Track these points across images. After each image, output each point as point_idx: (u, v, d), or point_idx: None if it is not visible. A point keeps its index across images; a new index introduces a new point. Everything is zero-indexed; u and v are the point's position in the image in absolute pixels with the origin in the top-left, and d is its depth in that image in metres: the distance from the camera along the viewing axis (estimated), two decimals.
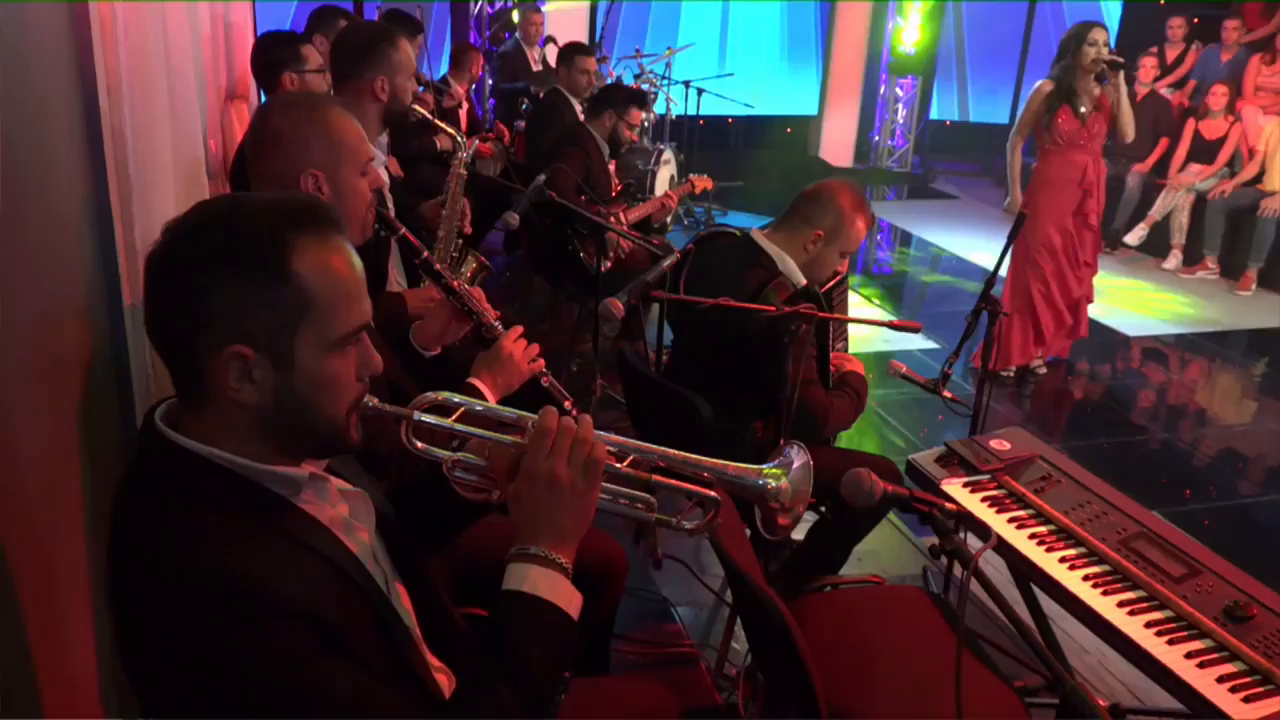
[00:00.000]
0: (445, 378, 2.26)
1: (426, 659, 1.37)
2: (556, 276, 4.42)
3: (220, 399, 1.15)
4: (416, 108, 2.86)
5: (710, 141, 9.49)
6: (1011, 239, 2.70)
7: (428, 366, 2.25)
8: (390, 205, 2.85)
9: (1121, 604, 2.03)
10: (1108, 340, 6.02)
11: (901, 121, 10.24)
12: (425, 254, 2.13)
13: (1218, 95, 7.41)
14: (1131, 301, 6.72)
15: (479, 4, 8.92)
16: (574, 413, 2.17)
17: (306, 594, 1.10)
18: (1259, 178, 7.22)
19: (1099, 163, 4.90)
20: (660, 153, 6.74)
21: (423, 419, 1.34)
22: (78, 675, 1.58)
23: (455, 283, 2.14)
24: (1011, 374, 5.21)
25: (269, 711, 1.03)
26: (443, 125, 2.97)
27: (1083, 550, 2.21)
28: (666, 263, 2.37)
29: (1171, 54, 8.62)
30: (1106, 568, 2.15)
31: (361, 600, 1.20)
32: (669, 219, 4.94)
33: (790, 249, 2.61)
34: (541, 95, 6.29)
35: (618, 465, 1.36)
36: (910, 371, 2.81)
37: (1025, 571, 2.22)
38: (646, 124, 6.99)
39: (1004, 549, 2.25)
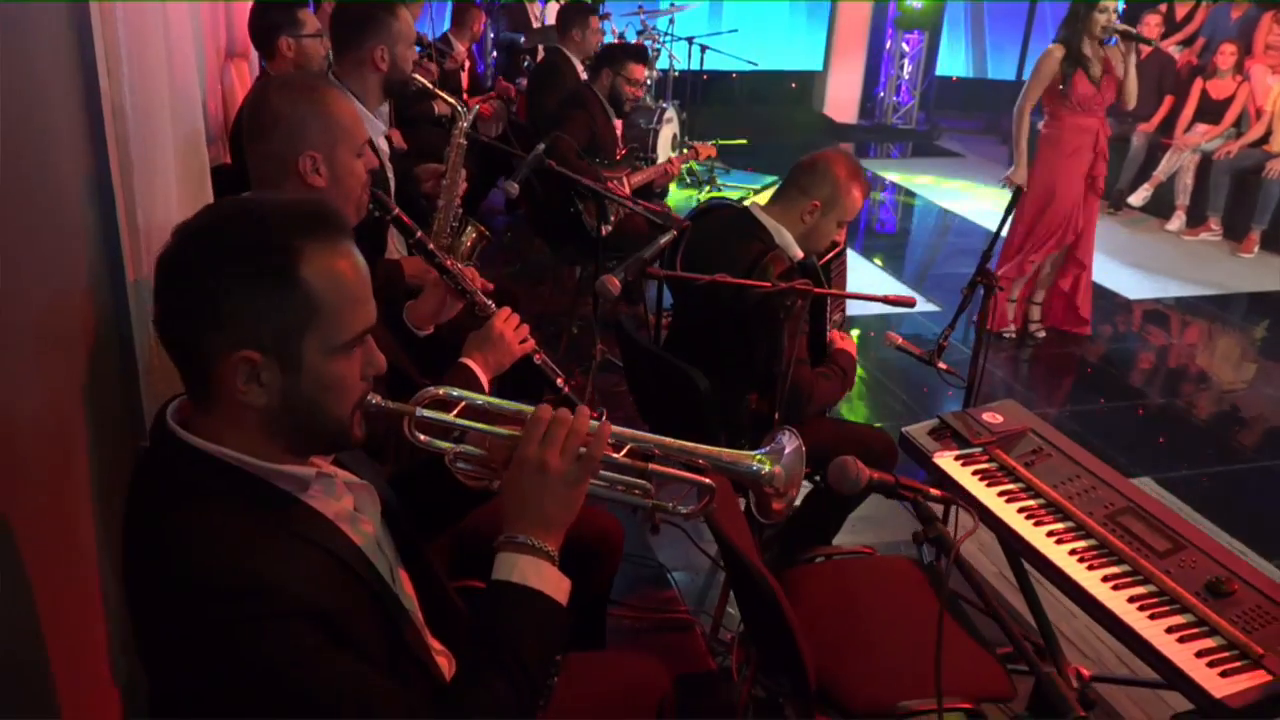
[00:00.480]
0: (439, 355, 2.30)
1: (428, 643, 1.42)
2: (557, 240, 4.43)
3: (228, 399, 1.18)
4: (417, 76, 2.86)
5: (714, 97, 9.43)
6: (1008, 213, 2.71)
7: (422, 344, 2.27)
8: (391, 177, 2.87)
9: (1106, 579, 2.08)
10: (1108, 303, 6.03)
11: (907, 77, 10.15)
12: (419, 234, 2.14)
13: (1226, 54, 7.33)
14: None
15: None
16: (566, 389, 2.21)
17: (312, 591, 1.14)
18: (1265, 138, 7.18)
19: (1105, 126, 4.90)
20: (663, 111, 6.70)
21: (424, 414, 1.37)
22: (90, 662, 1.63)
23: (449, 262, 2.16)
24: (1013, 334, 5.24)
25: (274, 705, 1.08)
26: (442, 94, 2.97)
27: (1070, 525, 2.25)
28: (664, 239, 2.39)
29: (1181, 10, 8.52)
30: (1093, 542, 2.19)
31: (365, 592, 1.24)
32: (671, 183, 4.93)
33: (787, 221, 2.62)
34: (541, 53, 6.26)
35: (614, 455, 1.39)
36: (906, 343, 2.84)
37: (1014, 546, 2.26)
38: (649, 80, 6.94)
39: (994, 523, 2.29)
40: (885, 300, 2.42)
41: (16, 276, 1.48)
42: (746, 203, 2.72)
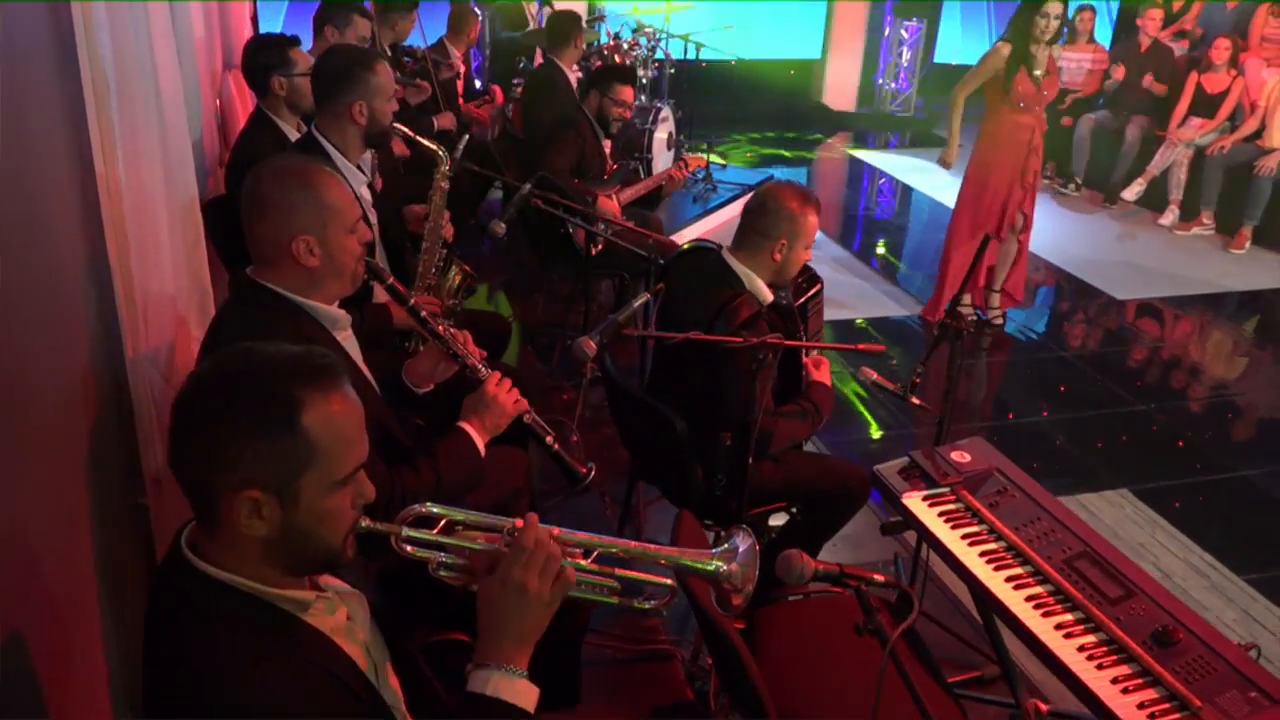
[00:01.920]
0: (435, 412, 2.41)
1: None
2: (549, 256, 4.52)
3: (232, 529, 1.31)
4: (398, 125, 2.94)
5: (712, 86, 9.41)
6: (978, 259, 2.79)
7: (420, 401, 2.38)
8: (375, 222, 2.95)
9: (1059, 626, 2.18)
10: (1095, 303, 6.10)
11: (905, 64, 10.15)
12: (412, 300, 2.24)
13: (1220, 48, 7.34)
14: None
15: None
16: (555, 446, 2.31)
17: (314, 709, 1.27)
18: (1259, 134, 7.20)
19: (1042, 123, 5.07)
20: (658, 111, 6.74)
21: (409, 534, 1.48)
22: None
23: (441, 328, 2.25)
24: (970, 311, 5.43)
25: None
26: (423, 142, 3.05)
27: (1029, 569, 2.35)
28: (637, 303, 2.48)
29: (1178, 1, 8.52)
30: (1050, 588, 2.29)
31: (356, 702, 1.37)
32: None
33: (757, 265, 2.72)
34: (539, 56, 6.30)
35: (584, 562, 1.50)
36: (880, 378, 2.92)
37: (976, 590, 2.37)
38: (644, 80, 6.97)
39: (958, 567, 2.40)
40: (855, 349, 2.51)
41: (19, 356, 1.58)
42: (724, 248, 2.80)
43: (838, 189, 8.76)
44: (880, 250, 7.05)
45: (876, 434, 4.53)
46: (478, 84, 8.15)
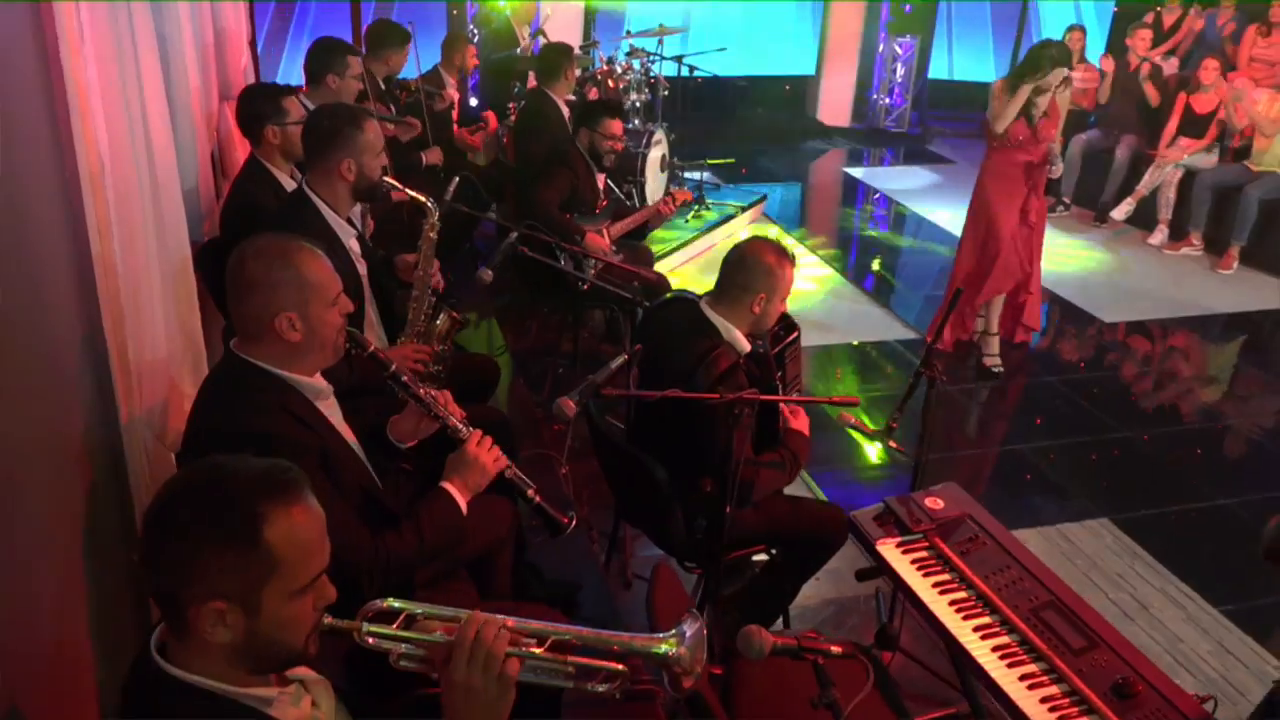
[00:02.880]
0: (421, 456, 2.48)
1: None
2: (538, 290, 4.59)
3: (199, 635, 1.38)
4: (388, 179, 3.02)
5: (707, 102, 9.47)
6: (947, 315, 2.86)
7: (404, 455, 2.45)
8: (364, 273, 3.03)
9: (1024, 677, 2.26)
10: (1082, 327, 6.17)
11: (900, 80, 10.23)
12: (393, 367, 2.30)
13: (1208, 69, 7.41)
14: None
15: None
16: (537, 499, 2.39)
17: None
18: (1247, 154, 7.27)
19: (1043, 165, 5.06)
20: (651, 134, 6.82)
21: (371, 629, 1.55)
22: None
23: (422, 391, 2.32)
24: (1000, 367, 5.38)
25: None
26: (410, 192, 3.13)
27: (997, 619, 2.43)
28: (615, 364, 2.55)
29: (1169, 19, 8.59)
30: (1016, 637, 2.37)
31: None
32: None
33: (735, 317, 2.80)
34: (532, 79, 6.38)
35: (537, 651, 1.57)
36: (858, 422, 3.00)
37: (944, 639, 2.45)
38: (638, 104, 7.05)
39: (928, 616, 2.48)
40: (829, 402, 2.59)
41: (16, 427, 1.66)
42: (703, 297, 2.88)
43: (832, 207, 8.83)
44: (873, 271, 7.11)
45: (880, 459, 4.60)
46: (474, 101, 8.25)
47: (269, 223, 2.97)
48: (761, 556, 3.19)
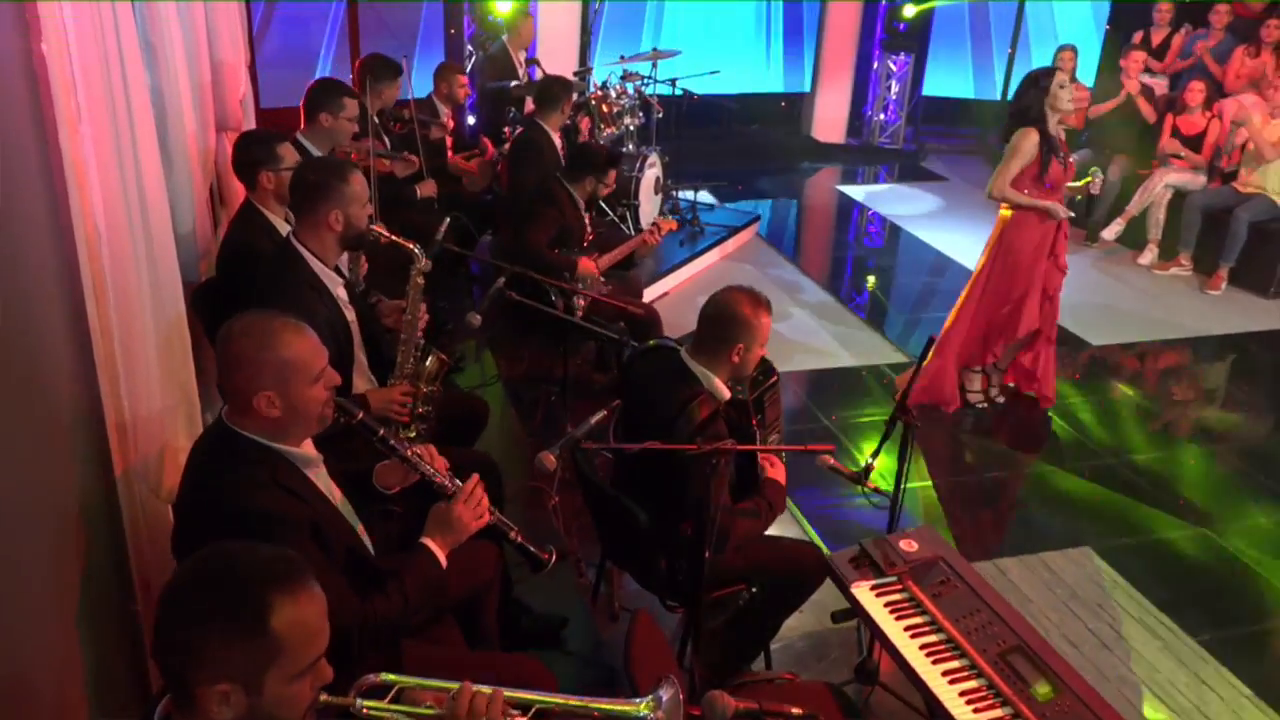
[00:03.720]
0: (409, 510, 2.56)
1: None
2: (528, 326, 4.67)
3: (204, 712, 1.47)
4: (375, 227, 3.11)
5: (703, 118, 9.51)
6: (923, 358, 2.94)
7: (391, 499, 2.53)
8: (353, 320, 3.11)
9: None
10: (1070, 351, 6.22)
11: (894, 97, 10.31)
12: (381, 431, 2.37)
13: (1195, 91, 7.49)
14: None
15: None
16: (518, 539, 2.47)
17: None
18: (1235, 175, 7.35)
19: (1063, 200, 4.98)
20: (645, 158, 6.90)
21: (365, 704, 1.64)
22: None
23: (409, 451, 2.39)
24: (985, 404, 5.39)
25: None
26: (398, 239, 3.22)
27: (965, 663, 2.51)
28: (595, 419, 2.64)
29: (1157, 37, 8.67)
30: (983, 682, 2.45)
31: None
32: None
33: (715, 366, 2.88)
34: (529, 104, 6.46)
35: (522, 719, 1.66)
36: (836, 463, 3.07)
37: (914, 681, 2.52)
38: (631, 128, 7.13)
39: (899, 659, 2.56)
40: (804, 450, 2.67)
41: (12, 488, 1.74)
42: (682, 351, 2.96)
43: (825, 227, 8.90)
44: (867, 292, 7.19)
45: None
46: (471, 120, 8.33)
47: (262, 269, 3.06)
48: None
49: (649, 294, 6.50)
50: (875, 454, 3.03)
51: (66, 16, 1.90)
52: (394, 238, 3.19)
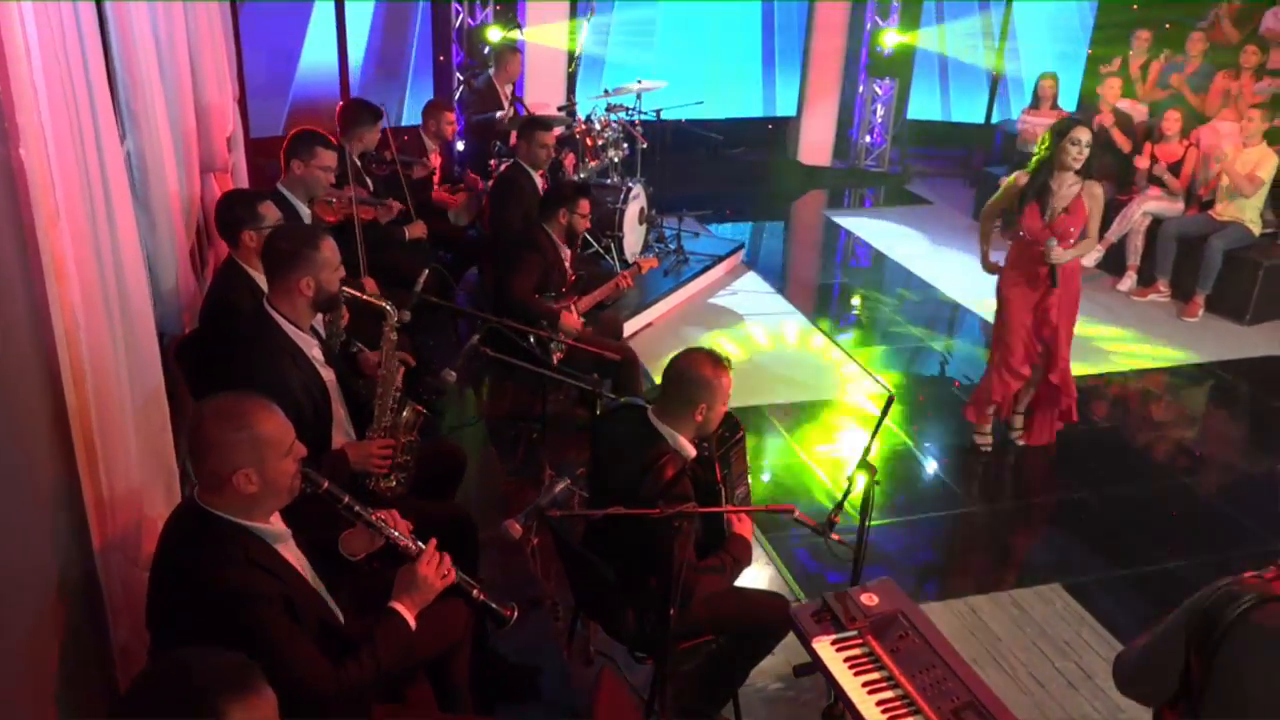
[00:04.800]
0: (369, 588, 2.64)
1: None
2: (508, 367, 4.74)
3: None
4: (347, 289, 3.20)
5: (690, 142, 9.59)
6: (880, 422, 3.03)
7: (354, 568, 2.62)
8: (329, 379, 3.19)
9: None
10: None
11: (880, 121, 10.42)
12: (345, 499, 2.46)
13: (1171, 120, 7.60)
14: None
15: (460, 18, 9.13)
16: (481, 598, 2.55)
17: None
18: (1211, 204, 7.45)
19: (1075, 264, 4.92)
20: (629, 189, 6.99)
21: None
22: None
23: (374, 516, 2.48)
24: (989, 448, 5.40)
25: None
26: (370, 299, 3.31)
27: (920, 719, 2.59)
28: (558, 488, 2.72)
29: (1135, 63, 8.78)
30: None
31: None
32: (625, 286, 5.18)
33: (680, 425, 2.98)
34: (514, 138, 6.56)
35: None
36: (802, 515, 3.15)
37: None
38: (616, 160, 7.23)
39: (855, 714, 2.64)
40: (765, 510, 2.76)
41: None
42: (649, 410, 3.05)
43: (810, 254, 8.97)
44: (849, 323, 7.27)
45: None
46: (460, 145, 8.43)
47: (238, 333, 3.15)
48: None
49: (633, 324, 6.61)
50: (838, 507, 3.12)
51: (44, 118, 1.99)
52: (365, 298, 3.28)
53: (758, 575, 4.32)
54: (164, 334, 3.66)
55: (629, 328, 6.53)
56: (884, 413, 2.99)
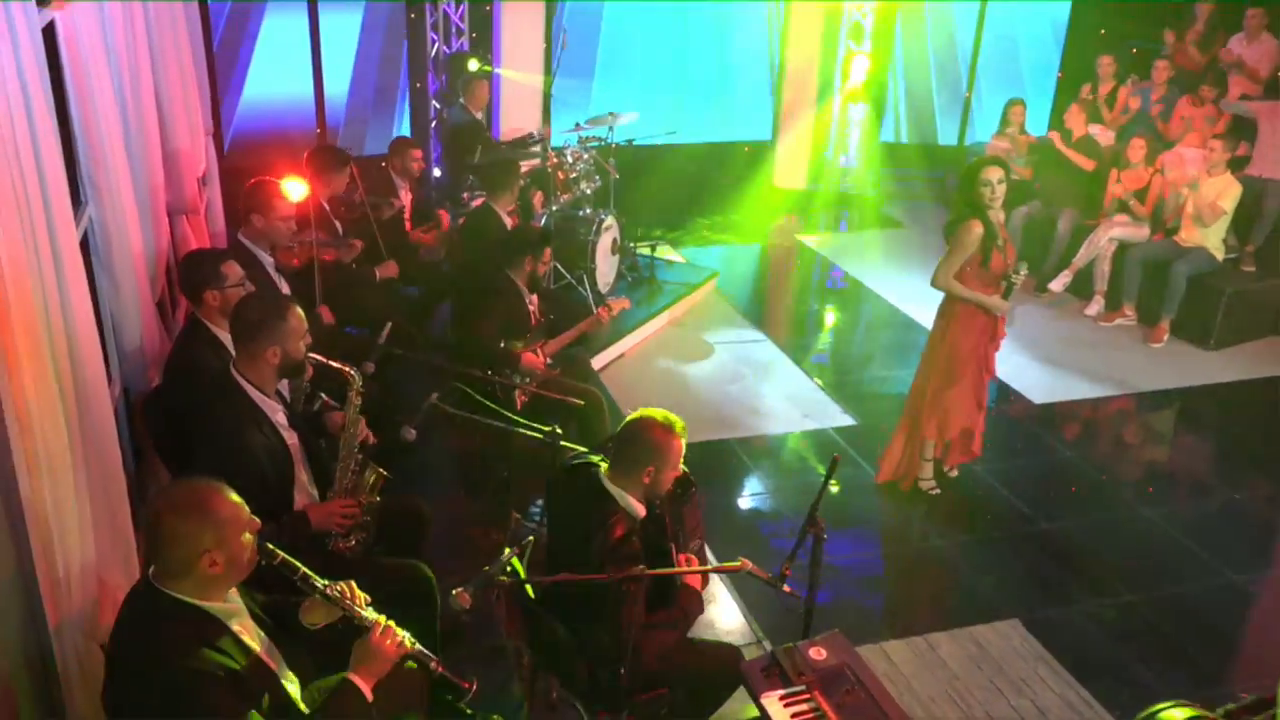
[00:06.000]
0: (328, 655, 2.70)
1: None
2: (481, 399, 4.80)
3: None
4: (312, 355, 3.26)
5: (665, 166, 9.66)
6: (826, 481, 3.10)
7: (313, 636, 2.67)
8: (293, 443, 3.25)
9: None
10: (1011, 409, 6.41)
11: (854, 145, 10.54)
12: (301, 571, 2.51)
13: (1136, 148, 7.71)
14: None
15: (435, 46, 9.21)
16: (439, 670, 2.61)
17: None
18: (1176, 229, 7.56)
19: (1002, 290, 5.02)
20: (601, 221, 7.06)
21: None
22: None
23: (328, 588, 2.53)
24: (936, 490, 5.43)
25: None
26: (333, 364, 3.37)
27: None
28: (506, 556, 2.79)
29: (1103, 90, 8.91)
30: None
31: None
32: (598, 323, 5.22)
33: (629, 486, 3.05)
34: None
35: None
36: (755, 568, 3.22)
37: None
38: (589, 190, 7.30)
39: None
40: (716, 570, 2.83)
41: None
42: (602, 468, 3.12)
43: (784, 281, 9.04)
44: (819, 353, 7.35)
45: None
46: (437, 172, 8.49)
47: (205, 396, 3.21)
48: None
49: (605, 356, 6.68)
50: (789, 560, 3.18)
51: None
52: (328, 363, 3.34)
53: (724, 620, 4.39)
54: (129, 390, 3.73)
55: (601, 359, 6.61)
56: (829, 474, 3.06)
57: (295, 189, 4.37)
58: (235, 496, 2.32)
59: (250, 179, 4.51)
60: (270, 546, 2.44)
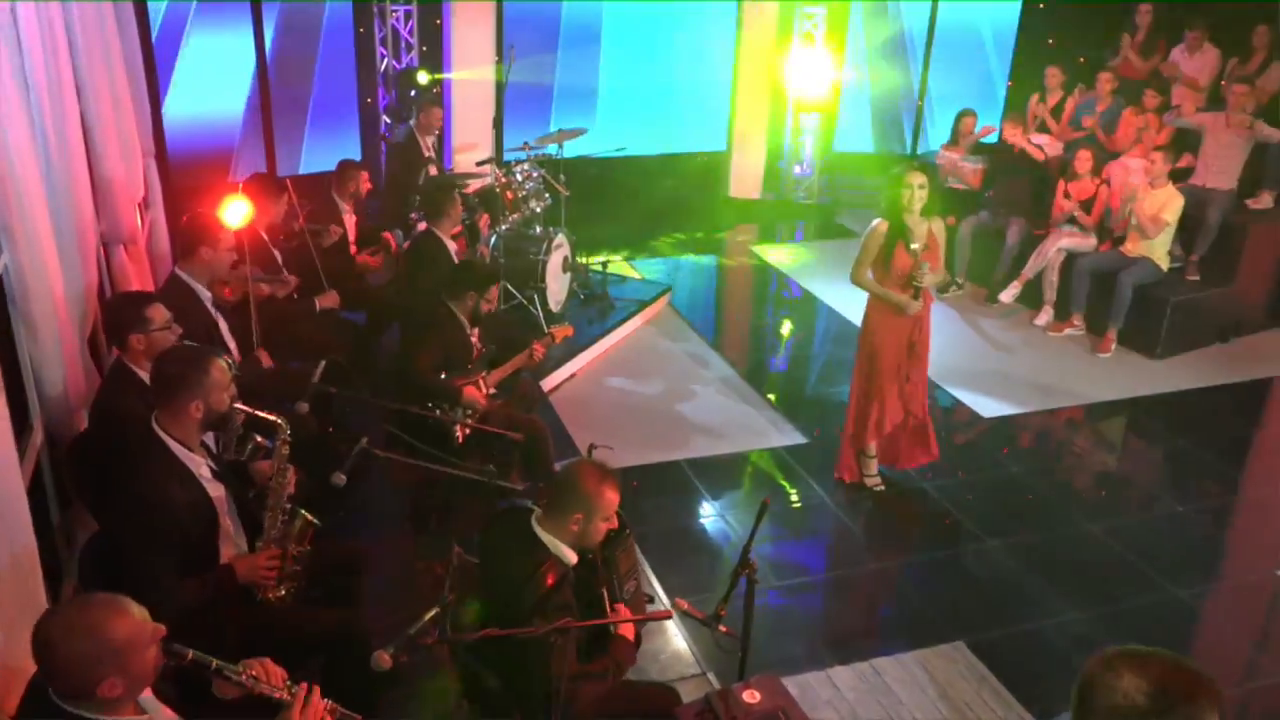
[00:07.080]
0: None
1: None
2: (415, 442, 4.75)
3: None
4: (239, 406, 3.21)
5: (618, 179, 9.63)
6: (756, 526, 3.10)
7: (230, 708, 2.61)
8: (216, 496, 3.19)
9: None
10: (960, 423, 6.44)
11: (808, 154, 10.57)
12: (214, 663, 2.43)
13: (1083, 159, 7.79)
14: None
15: (385, 61, 9.14)
16: None
17: None
18: (1122, 240, 7.64)
19: (928, 295, 5.22)
20: (552, 239, 7.03)
21: None
22: None
23: (243, 676, 2.46)
24: (881, 486, 5.58)
25: None
26: (261, 414, 3.32)
27: None
28: (429, 615, 2.75)
29: (1052, 100, 8.98)
30: None
31: None
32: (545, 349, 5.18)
33: (559, 533, 3.03)
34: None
35: None
36: (690, 607, 3.22)
37: None
38: (538, 209, 7.26)
39: None
40: (646, 618, 2.81)
41: None
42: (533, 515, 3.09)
43: (737, 295, 9.04)
44: (771, 368, 7.36)
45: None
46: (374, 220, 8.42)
47: (127, 455, 3.14)
48: None
49: (557, 376, 6.64)
50: (723, 601, 3.18)
51: None
52: (256, 414, 3.29)
53: (668, 649, 4.36)
54: (54, 438, 3.65)
55: (551, 380, 6.58)
56: (759, 519, 3.05)
57: (237, 211, 4.33)
58: (136, 610, 2.22)
59: (192, 205, 4.43)
60: (177, 648, 2.35)
